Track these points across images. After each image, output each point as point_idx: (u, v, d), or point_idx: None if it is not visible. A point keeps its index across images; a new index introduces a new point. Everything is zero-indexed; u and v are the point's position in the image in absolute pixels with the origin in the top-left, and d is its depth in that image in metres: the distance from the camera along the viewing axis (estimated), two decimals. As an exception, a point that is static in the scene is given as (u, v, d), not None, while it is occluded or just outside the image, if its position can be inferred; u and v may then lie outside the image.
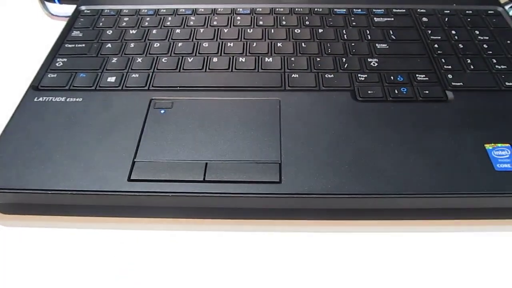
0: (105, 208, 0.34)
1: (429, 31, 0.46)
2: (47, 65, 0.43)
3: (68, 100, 0.39)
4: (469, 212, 0.34)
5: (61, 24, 0.49)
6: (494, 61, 0.42)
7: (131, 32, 0.46)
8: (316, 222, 0.34)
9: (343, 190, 0.32)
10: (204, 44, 0.44)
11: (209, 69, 0.42)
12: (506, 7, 0.51)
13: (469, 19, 0.48)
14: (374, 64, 0.42)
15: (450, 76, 0.41)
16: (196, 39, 0.45)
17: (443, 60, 0.42)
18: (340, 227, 0.33)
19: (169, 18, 0.48)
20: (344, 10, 0.49)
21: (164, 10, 0.49)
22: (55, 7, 0.56)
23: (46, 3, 0.56)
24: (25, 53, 0.50)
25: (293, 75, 0.41)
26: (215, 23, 0.47)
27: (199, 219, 0.34)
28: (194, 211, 0.34)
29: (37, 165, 0.34)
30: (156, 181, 0.33)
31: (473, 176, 0.33)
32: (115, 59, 0.43)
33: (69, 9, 0.53)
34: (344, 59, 0.42)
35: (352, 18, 0.48)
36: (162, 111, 0.38)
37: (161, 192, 0.32)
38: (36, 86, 0.41)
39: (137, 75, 0.41)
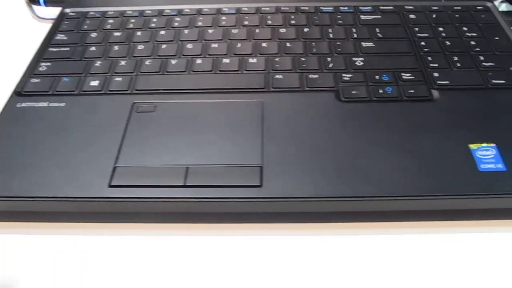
0: (88, 214, 0.34)
1: (416, 29, 0.45)
2: (31, 69, 0.43)
3: (50, 105, 0.39)
4: (456, 213, 0.33)
5: (48, 27, 0.48)
6: (482, 58, 0.42)
7: (115, 34, 0.46)
8: (298, 226, 0.33)
9: (326, 193, 0.32)
10: (188, 46, 0.44)
11: (192, 71, 0.41)
12: (496, 2, 0.50)
13: (457, 16, 0.47)
14: (359, 63, 0.41)
15: (436, 74, 0.40)
16: (180, 40, 0.45)
17: (429, 58, 0.42)
18: (324, 230, 0.33)
19: (154, 20, 0.48)
20: (331, 8, 0.48)
21: (150, 11, 0.49)
22: (41, 10, 0.56)
23: (33, 6, 0.56)
24: (11, 57, 0.49)
25: (277, 76, 0.40)
26: (199, 23, 0.47)
27: (181, 223, 0.34)
28: (175, 216, 0.34)
29: (20, 172, 0.34)
30: (136, 186, 0.33)
31: (457, 178, 0.32)
32: (99, 62, 0.43)
33: (56, 11, 0.53)
34: (329, 59, 0.42)
35: (339, 16, 0.47)
36: (145, 115, 0.37)
37: (141, 198, 0.32)
38: (19, 92, 0.40)
39: (120, 79, 0.41)
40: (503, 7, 0.53)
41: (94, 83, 0.41)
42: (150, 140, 0.36)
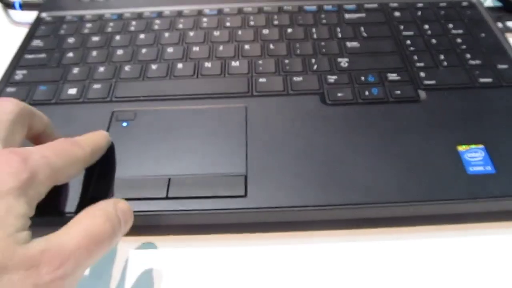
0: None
1: (402, 27, 0.45)
2: (7, 78, 0.41)
3: (27, 115, 0.37)
4: (446, 217, 0.33)
5: (25, 32, 0.47)
6: (468, 56, 0.41)
7: (93, 39, 0.45)
8: (284, 234, 0.33)
9: (312, 202, 0.31)
10: (168, 50, 0.43)
11: (173, 76, 0.40)
12: (482, -2, 0.50)
13: (442, 12, 0.46)
14: (344, 64, 0.41)
15: (422, 74, 0.39)
16: (160, 44, 0.44)
17: (415, 57, 0.41)
18: (310, 238, 0.32)
19: (133, 23, 0.46)
20: (315, 7, 0.47)
21: (129, 14, 0.47)
22: (17, 14, 0.54)
23: (8, 10, 0.54)
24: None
25: (260, 79, 0.39)
26: (180, 26, 0.46)
27: (164, 236, 0.33)
28: (158, 229, 0.33)
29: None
30: (116, 200, 0.31)
31: (446, 182, 0.32)
32: (77, 69, 0.41)
33: (32, 16, 0.51)
34: (313, 60, 0.41)
35: (323, 16, 0.46)
36: (125, 124, 0.36)
37: (122, 211, 0.31)
38: (-6, 101, 0.39)
39: (99, 86, 0.40)
40: (489, 2, 0.52)
41: (72, 91, 0.39)
42: (130, 150, 0.34)
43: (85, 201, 0.32)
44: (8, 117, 0.27)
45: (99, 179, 0.33)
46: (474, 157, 0.33)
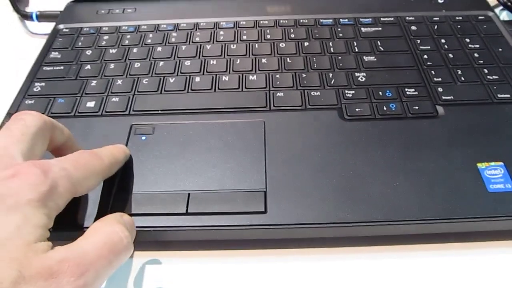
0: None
1: (418, 41, 0.44)
2: (25, 90, 0.42)
3: (46, 128, 0.38)
4: (466, 235, 0.33)
5: (41, 42, 0.47)
6: (486, 71, 0.41)
7: (111, 51, 0.45)
8: (304, 251, 0.32)
9: (331, 219, 0.31)
10: (186, 63, 0.43)
11: (191, 89, 0.40)
12: (497, 11, 0.50)
13: (459, 26, 0.46)
14: (361, 79, 0.41)
15: (440, 89, 0.39)
16: (177, 57, 0.44)
17: (432, 72, 0.41)
18: (331, 255, 0.32)
19: (150, 35, 0.47)
20: (331, 20, 0.47)
21: (145, 27, 0.48)
22: (34, 25, 0.54)
23: (25, 21, 0.55)
24: (3, 75, 0.48)
25: (278, 94, 0.39)
26: (197, 39, 0.46)
27: (182, 251, 0.33)
28: (177, 244, 0.33)
29: None
30: (136, 215, 0.32)
31: (466, 200, 0.32)
32: (95, 82, 0.42)
33: (48, 26, 0.51)
34: (330, 75, 0.41)
35: (339, 29, 0.46)
36: (143, 138, 0.36)
37: (143, 227, 0.31)
38: (13, 114, 0.39)
39: (117, 99, 0.40)
40: (504, 15, 0.52)
41: (91, 104, 0.40)
42: (150, 165, 0.34)
43: (105, 215, 0.32)
44: (30, 130, 0.28)
45: (118, 192, 0.33)
46: (494, 174, 0.33)
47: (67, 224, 0.31)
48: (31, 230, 0.23)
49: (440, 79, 0.40)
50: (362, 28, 0.46)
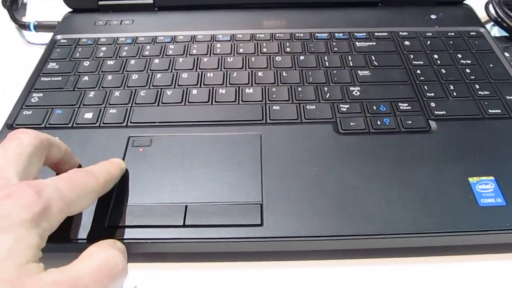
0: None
1: (411, 56, 0.45)
2: (22, 100, 0.42)
3: (43, 139, 0.38)
4: (456, 248, 0.33)
5: (38, 52, 0.48)
6: (477, 86, 0.42)
7: (108, 63, 0.45)
8: (300, 263, 0.33)
9: (327, 232, 0.32)
10: (183, 75, 0.44)
11: (188, 102, 0.41)
12: (488, 26, 0.51)
13: (451, 42, 0.47)
14: (356, 93, 0.41)
15: (433, 104, 0.40)
16: (175, 69, 0.44)
17: (425, 87, 0.42)
18: (326, 267, 0.33)
19: (148, 47, 0.47)
20: (326, 34, 0.48)
21: (143, 38, 0.48)
22: (31, 35, 0.55)
23: (23, 31, 0.55)
24: (1, 85, 0.48)
25: (274, 107, 0.40)
26: (194, 51, 0.46)
27: (178, 262, 0.33)
28: (174, 256, 0.33)
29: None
30: (134, 227, 0.32)
31: (458, 214, 0.32)
32: (92, 93, 0.42)
33: (46, 36, 0.52)
34: (326, 89, 0.42)
35: (334, 43, 0.47)
36: (141, 150, 0.37)
37: (140, 239, 0.31)
38: (10, 124, 0.40)
39: (114, 111, 0.40)
40: (495, 31, 0.53)
41: (88, 115, 0.40)
42: (147, 177, 0.35)
43: (103, 228, 0.32)
44: (26, 150, 0.28)
45: (115, 204, 0.33)
46: (485, 189, 0.34)
47: (62, 237, 0.31)
48: (23, 251, 0.23)
49: (432, 94, 0.41)
50: (357, 43, 0.47)
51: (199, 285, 0.32)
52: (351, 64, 0.45)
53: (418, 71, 0.44)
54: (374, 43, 0.47)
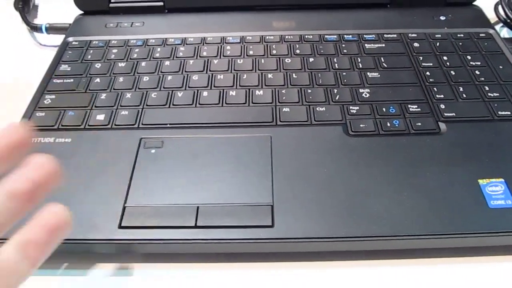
0: (98, 255, 0.34)
1: (421, 58, 0.46)
2: (35, 102, 0.42)
3: (56, 141, 0.39)
4: (465, 250, 0.33)
5: (50, 54, 0.48)
6: (487, 88, 0.42)
7: (120, 65, 0.46)
8: (311, 264, 0.33)
9: (337, 233, 0.32)
10: (193, 77, 0.44)
11: (199, 104, 0.41)
12: (497, 28, 0.51)
13: (460, 43, 0.47)
14: (365, 95, 0.42)
15: (442, 106, 0.40)
16: (185, 71, 0.45)
17: (435, 89, 0.42)
18: (337, 268, 0.33)
19: (158, 49, 0.47)
20: (335, 36, 0.48)
21: (153, 40, 0.49)
22: (43, 37, 0.55)
23: (35, 33, 0.56)
24: (13, 86, 0.49)
25: (284, 109, 0.40)
26: (204, 53, 0.47)
27: (190, 263, 0.33)
28: (185, 256, 0.34)
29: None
30: (146, 227, 0.32)
31: (467, 215, 0.33)
32: (104, 95, 0.43)
33: (57, 38, 0.52)
34: (335, 90, 0.42)
35: (343, 45, 0.47)
36: (153, 151, 0.37)
37: (153, 240, 0.32)
38: (24, 126, 0.40)
39: (126, 112, 0.41)
40: (504, 32, 0.53)
41: (100, 117, 0.40)
42: (159, 178, 0.35)
43: (115, 229, 0.32)
44: None
45: (127, 207, 0.34)
46: (495, 191, 0.34)
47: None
48: None
49: (442, 96, 0.41)
50: (366, 45, 0.47)
51: (210, 286, 0.32)
52: (360, 66, 0.45)
53: (428, 73, 0.44)
54: (383, 45, 0.47)
